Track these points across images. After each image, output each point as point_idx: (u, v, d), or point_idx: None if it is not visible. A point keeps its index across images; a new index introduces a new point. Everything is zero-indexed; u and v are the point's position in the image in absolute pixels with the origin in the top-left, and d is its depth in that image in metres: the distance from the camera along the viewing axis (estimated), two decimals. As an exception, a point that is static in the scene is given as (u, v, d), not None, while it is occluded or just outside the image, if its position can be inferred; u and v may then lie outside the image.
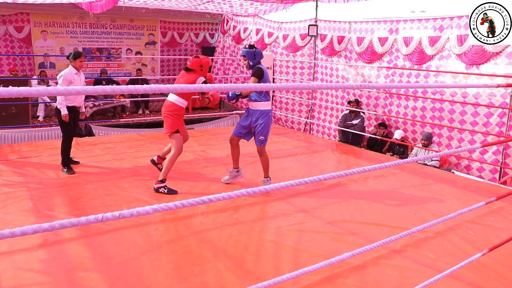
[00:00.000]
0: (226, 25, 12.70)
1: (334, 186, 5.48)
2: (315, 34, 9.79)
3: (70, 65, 5.58)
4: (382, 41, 8.50)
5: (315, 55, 10.06)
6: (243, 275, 3.30)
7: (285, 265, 3.46)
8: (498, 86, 2.83)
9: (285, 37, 10.59)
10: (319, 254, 3.64)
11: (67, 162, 5.63)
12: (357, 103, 8.75)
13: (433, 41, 7.62)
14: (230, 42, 12.62)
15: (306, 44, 10.14)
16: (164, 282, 3.17)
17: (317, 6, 9.70)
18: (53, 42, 11.53)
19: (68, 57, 5.65)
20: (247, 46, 5.30)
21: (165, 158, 5.27)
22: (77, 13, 11.13)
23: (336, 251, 3.63)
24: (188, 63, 4.99)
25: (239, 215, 4.44)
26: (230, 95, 5.24)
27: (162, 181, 4.92)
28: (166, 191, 4.92)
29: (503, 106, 6.70)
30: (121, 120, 10.22)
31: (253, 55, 5.13)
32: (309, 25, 9.75)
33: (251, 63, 5.19)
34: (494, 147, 6.94)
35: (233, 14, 12.31)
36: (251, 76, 5.08)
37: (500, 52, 6.68)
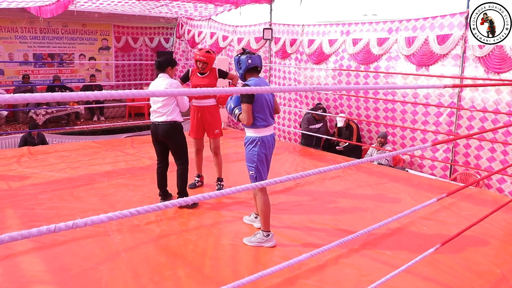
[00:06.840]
0: (181, 29, 12.61)
1: (292, 188, 5.54)
2: (270, 38, 9.85)
3: None
4: (332, 42, 8.66)
5: (270, 59, 10.13)
6: (203, 280, 3.28)
7: (245, 268, 3.47)
8: (445, 87, 2.94)
9: (239, 40, 10.61)
10: (278, 256, 3.67)
11: None
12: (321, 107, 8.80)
13: (381, 42, 7.83)
14: (185, 46, 12.54)
15: (261, 47, 10.19)
16: (123, 292, 3.11)
17: (271, 9, 9.78)
18: (0, 47, 11.10)
19: None
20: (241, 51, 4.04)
21: None
22: (26, 17, 10.75)
23: (295, 253, 3.67)
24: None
25: (196, 220, 4.42)
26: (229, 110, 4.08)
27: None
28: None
29: (452, 105, 6.98)
30: (75, 127, 9.93)
31: (237, 63, 3.99)
32: (264, 29, 9.79)
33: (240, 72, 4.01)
34: (445, 145, 7.21)
35: (187, 18, 12.22)
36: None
37: (447, 54, 6.95)
